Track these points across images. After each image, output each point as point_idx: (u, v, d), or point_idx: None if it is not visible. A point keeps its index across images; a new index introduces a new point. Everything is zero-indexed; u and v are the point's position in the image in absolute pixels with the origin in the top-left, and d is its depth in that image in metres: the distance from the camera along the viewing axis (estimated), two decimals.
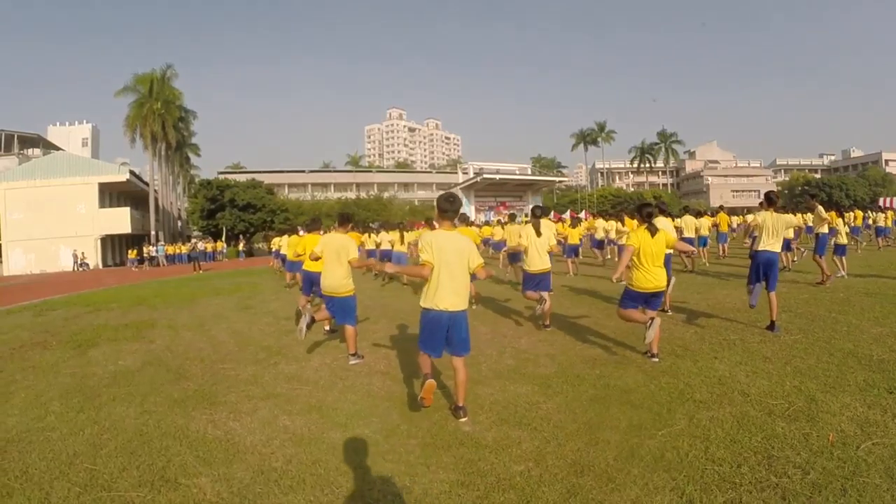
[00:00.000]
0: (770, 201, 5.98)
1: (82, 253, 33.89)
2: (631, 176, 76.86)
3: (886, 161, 70.45)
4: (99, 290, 15.30)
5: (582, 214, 31.54)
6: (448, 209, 3.72)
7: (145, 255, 34.20)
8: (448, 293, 3.58)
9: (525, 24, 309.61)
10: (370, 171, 79.13)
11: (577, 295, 9.02)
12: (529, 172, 44.91)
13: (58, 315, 9.59)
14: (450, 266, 3.60)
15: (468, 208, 39.01)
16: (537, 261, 6.44)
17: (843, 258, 9.59)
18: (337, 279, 5.39)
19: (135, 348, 6.43)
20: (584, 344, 5.59)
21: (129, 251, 34.71)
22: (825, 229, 9.04)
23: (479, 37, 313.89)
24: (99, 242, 36.42)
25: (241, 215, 40.57)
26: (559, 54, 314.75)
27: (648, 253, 4.73)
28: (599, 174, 78.82)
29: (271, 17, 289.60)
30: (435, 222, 4.14)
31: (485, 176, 37.40)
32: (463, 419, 3.59)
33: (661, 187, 75.69)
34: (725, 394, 3.83)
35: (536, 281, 6.46)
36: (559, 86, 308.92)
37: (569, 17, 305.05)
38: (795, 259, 11.38)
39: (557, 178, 48.22)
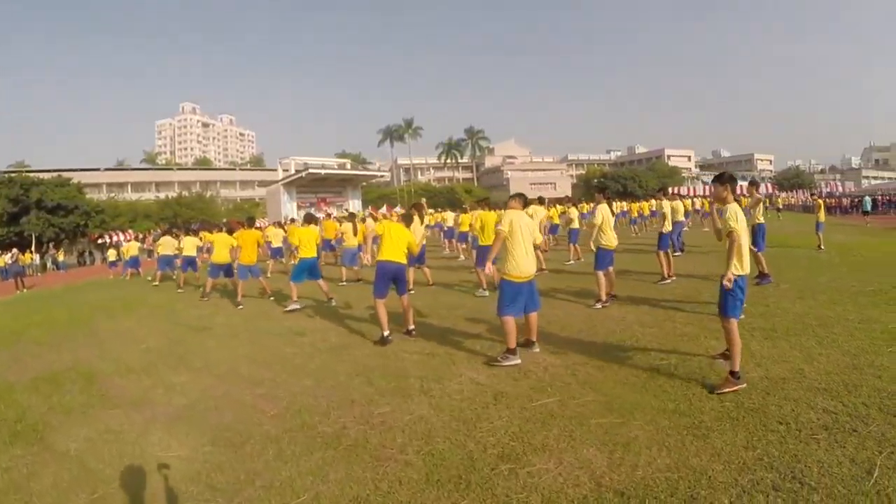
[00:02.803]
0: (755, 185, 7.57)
1: None
2: (432, 171, 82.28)
3: (668, 156, 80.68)
4: None
5: (397, 209, 34.86)
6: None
7: None
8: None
9: (328, 21, 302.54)
10: (170, 170, 72.47)
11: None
12: (349, 168, 44.87)
13: None
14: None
15: (290, 205, 37.42)
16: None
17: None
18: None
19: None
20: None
21: None
22: (668, 226, 9.25)
23: (280, 30, 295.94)
24: None
25: (49, 219, 33.49)
26: (362, 51, 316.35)
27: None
28: (402, 170, 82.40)
29: None
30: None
31: (311, 171, 36.17)
32: (535, 350, 5.11)
33: (461, 181, 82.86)
34: None
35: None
36: (360, 82, 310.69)
37: (375, 15, 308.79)
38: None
39: (379, 173, 49.27)
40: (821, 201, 14.03)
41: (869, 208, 27.79)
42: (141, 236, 33.62)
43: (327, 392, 4.53)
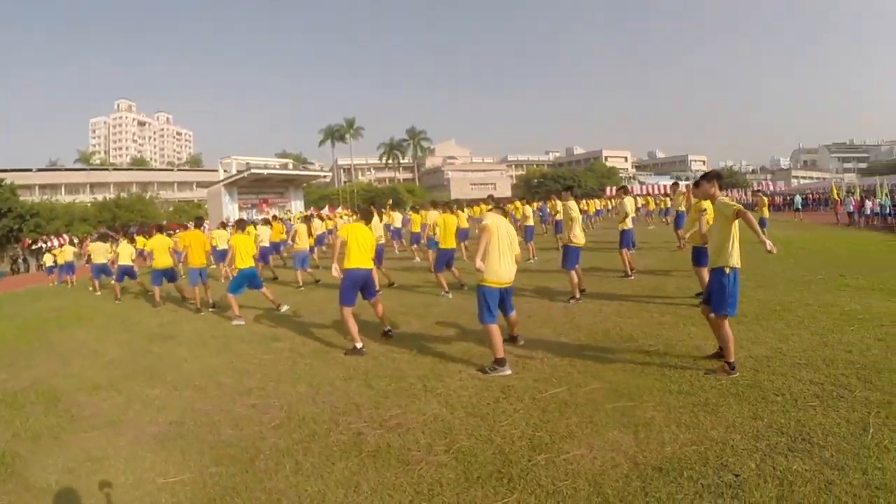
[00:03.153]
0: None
1: None
2: (373, 172, 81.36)
3: (606, 157, 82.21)
4: None
5: (339, 209, 34.65)
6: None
7: None
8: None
9: (269, 19, 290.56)
10: (106, 170, 68.71)
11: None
12: (291, 168, 43.50)
13: None
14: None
15: (231, 207, 35.66)
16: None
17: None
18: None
19: None
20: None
21: None
22: (629, 224, 9.27)
23: (220, 27, 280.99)
24: None
25: None
26: (302, 51, 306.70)
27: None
28: (342, 170, 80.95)
29: None
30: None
31: (253, 171, 34.60)
32: (521, 343, 5.23)
33: (402, 182, 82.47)
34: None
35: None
36: (301, 82, 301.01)
37: (316, 14, 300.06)
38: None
39: (322, 173, 48.07)
40: (765, 198, 15.04)
41: (800, 206, 30.52)
42: (77, 240, 30.83)
43: (326, 398, 4.33)
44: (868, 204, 21.55)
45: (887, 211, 19.38)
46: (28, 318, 10.09)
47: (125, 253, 12.07)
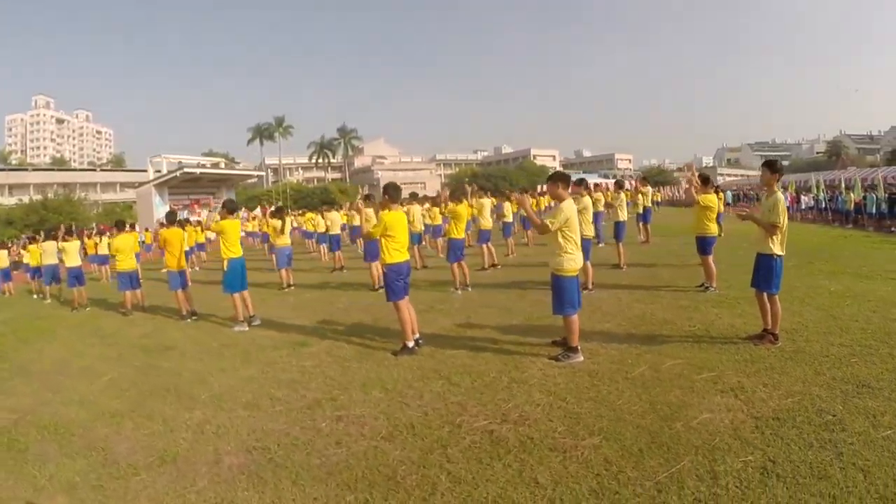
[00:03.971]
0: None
1: None
2: (300, 171, 78.66)
3: (535, 156, 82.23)
4: None
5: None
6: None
7: None
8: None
9: (194, 16, 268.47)
10: (25, 170, 65.10)
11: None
12: (223, 167, 41.28)
13: None
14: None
15: (162, 208, 33.23)
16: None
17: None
18: None
19: None
20: None
21: None
22: (624, 216, 10.67)
23: (145, 20, 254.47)
24: None
25: None
26: (229, 49, 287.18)
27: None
28: (270, 170, 77.51)
29: None
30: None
31: (186, 170, 32.53)
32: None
33: (330, 181, 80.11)
34: None
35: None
36: (227, 81, 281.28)
37: (242, 13, 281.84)
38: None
39: (255, 173, 46.00)
40: (721, 193, 16.18)
41: (731, 200, 33.45)
42: (10, 245, 27.55)
43: (417, 401, 4.12)
44: (804, 199, 24.09)
45: (823, 206, 21.65)
46: None
47: (73, 252, 11.11)
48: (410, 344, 5.36)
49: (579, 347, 4.81)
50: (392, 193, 5.49)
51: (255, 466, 3.34)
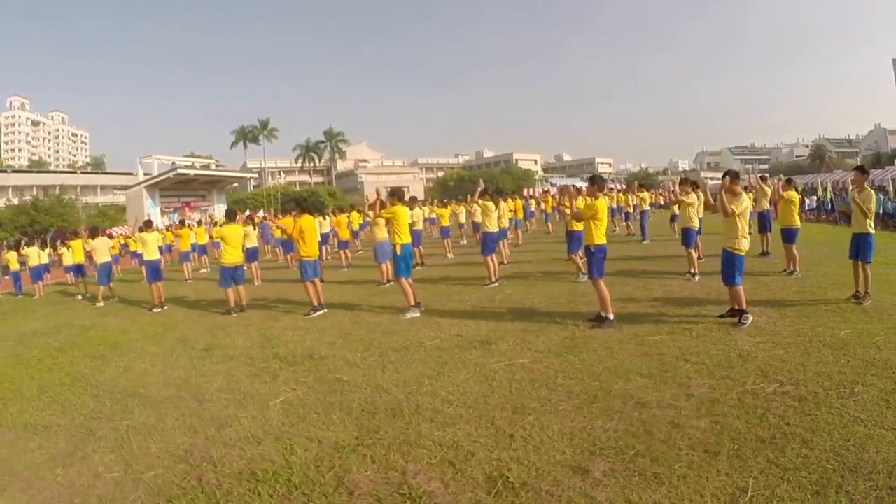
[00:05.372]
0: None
1: None
2: (283, 175, 78.03)
3: (517, 160, 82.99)
4: None
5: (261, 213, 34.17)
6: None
7: None
8: None
9: (174, 15, 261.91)
10: (4, 172, 60.97)
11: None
12: (214, 168, 41.09)
13: None
14: None
15: (153, 210, 32.99)
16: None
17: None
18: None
19: None
20: None
21: None
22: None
23: (123, 19, 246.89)
24: None
25: None
26: (206, 52, 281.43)
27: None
28: (255, 173, 76.73)
29: None
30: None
31: (180, 171, 32.28)
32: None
33: (313, 185, 79.49)
34: None
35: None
36: (205, 83, 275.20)
37: (216, 14, 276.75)
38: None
39: (248, 175, 45.79)
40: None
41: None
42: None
43: (536, 382, 4.25)
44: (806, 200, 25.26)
45: (829, 206, 22.71)
46: (20, 351, 7.08)
47: (78, 250, 12.40)
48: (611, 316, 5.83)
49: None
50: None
51: None
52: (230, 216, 10.30)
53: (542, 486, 2.81)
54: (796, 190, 10.79)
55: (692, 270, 8.34)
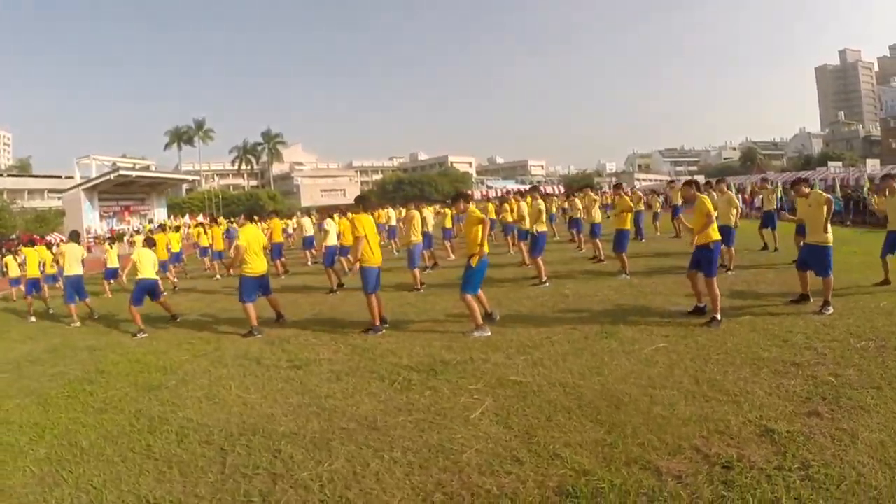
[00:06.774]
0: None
1: None
2: (216, 178, 74.10)
3: (452, 163, 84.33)
4: None
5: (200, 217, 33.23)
6: None
7: None
8: None
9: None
10: None
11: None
12: (154, 170, 38.42)
13: None
14: None
15: (92, 215, 30.46)
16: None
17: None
18: None
19: None
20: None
21: None
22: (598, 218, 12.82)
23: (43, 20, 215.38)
24: None
25: None
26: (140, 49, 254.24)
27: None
28: (196, 175, 71.92)
29: None
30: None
31: (122, 172, 29.89)
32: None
33: (249, 188, 76.09)
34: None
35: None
36: (134, 82, 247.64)
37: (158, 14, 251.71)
38: None
39: (191, 177, 43.18)
40: (677, 190, 17.46)
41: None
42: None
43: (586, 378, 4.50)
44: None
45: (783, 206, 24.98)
46: (30, 385, 5.60)
47: (33, 261, 11.21)
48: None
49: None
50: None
51: None
52: (249, 216, 8.66)
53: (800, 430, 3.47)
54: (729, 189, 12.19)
55: (727, 265, 9.11)
